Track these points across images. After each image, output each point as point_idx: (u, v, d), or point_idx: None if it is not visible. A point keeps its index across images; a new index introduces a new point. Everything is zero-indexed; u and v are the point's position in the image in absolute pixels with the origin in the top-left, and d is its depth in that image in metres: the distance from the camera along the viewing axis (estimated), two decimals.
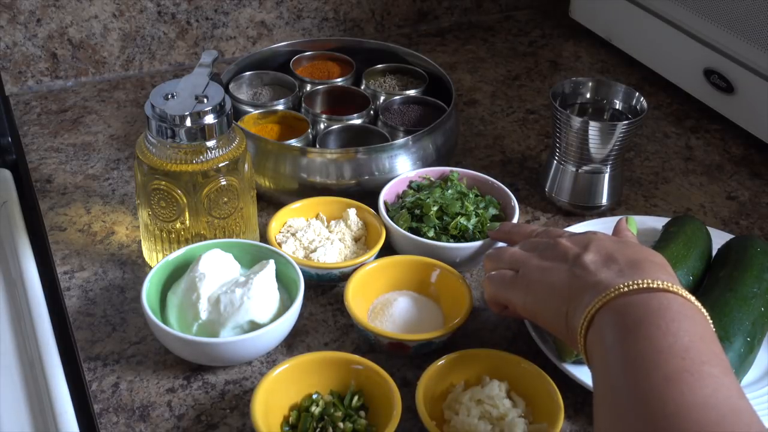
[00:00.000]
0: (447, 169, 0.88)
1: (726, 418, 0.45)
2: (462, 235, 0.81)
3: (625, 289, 0.55)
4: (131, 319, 0.76)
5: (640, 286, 0.55)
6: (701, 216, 0.92)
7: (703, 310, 0.55)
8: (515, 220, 0.82)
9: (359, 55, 1.04)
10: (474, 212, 0.82)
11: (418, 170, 0.88)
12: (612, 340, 0.53)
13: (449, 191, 0.83)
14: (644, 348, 0.50)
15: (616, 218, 0.88)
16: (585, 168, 0.88)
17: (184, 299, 0.71)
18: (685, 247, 0.77)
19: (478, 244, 0.79)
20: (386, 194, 0.85)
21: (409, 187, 0.87)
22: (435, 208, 0.81)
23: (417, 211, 0.82)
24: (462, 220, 0.80)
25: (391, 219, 0.81)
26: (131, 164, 0.96)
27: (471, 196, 0.84)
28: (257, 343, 0.69)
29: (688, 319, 0.52)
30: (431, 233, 0.80)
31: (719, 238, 0.81)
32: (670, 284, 0.55)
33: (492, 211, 0.83)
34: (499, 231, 0.78)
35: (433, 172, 0.88)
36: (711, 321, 0.55)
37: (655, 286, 0.55)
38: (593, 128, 0.84)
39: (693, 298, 0.55)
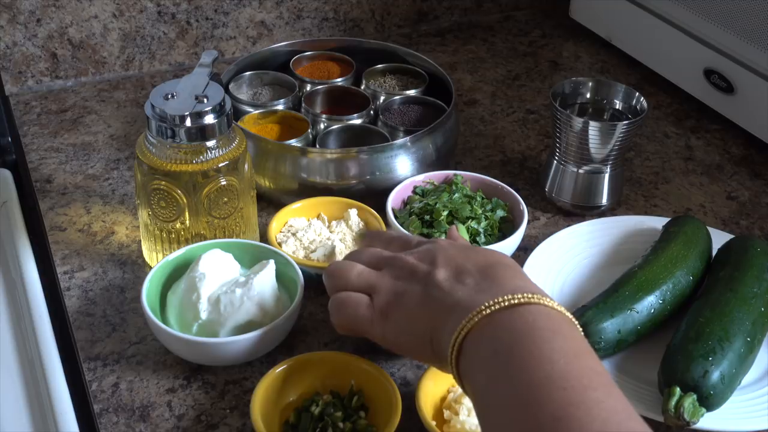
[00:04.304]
0: (450, 172, 0.88)
1: None
2: (474, 239, 0.81)
3: (487, 311, 0.52)
4: (131, 319, 0.76)
5: (502, 305, 0.52)
6: (701, 216, 0.92)
7: (567, 314, 0.53)
8: (524, 222, 0.82)
9: (359, 55, 1.04)
10: (483, 215, 0.82)
11: (421, 175, 0.88)
12: (487, 376, 0.50)
13: (456, 195, 0.83)
14: (523, 382, 0.47)
15: (616, 218, 0.88)
16: (585, 168, 0.88)
17: (184, 299, 0.71)
18: (685, 247, 0.77)
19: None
20: (392, 201, 0.84)
21: (414, 192, 0.87)
22: (445, 213, 0.81)
23: (427, 217, 0.82)
24: (473, 224, 0.81)
25: (401, 225, 0.81)
26: (131, 164, 0.96)
27: (478, 199, 0.84)
28: (257, 343, 0.69)
29: (559, 336, 0.50)
30: (443, 238, 0.80)
31: (719, 238, 0.81)
32: (529, 295, 0.52)
33: (500, 213, 0.83)
34: (368, 238, 0.73)
35: (437, 176, 0.88)
36: (577, 323, 0.53)
37: (516, 301, 0.52)
38: (593, 128, 0.84)
39: (555, 304, 0.53)
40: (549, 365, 0.47)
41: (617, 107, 0.90)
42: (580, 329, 0.53)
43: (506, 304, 0.52)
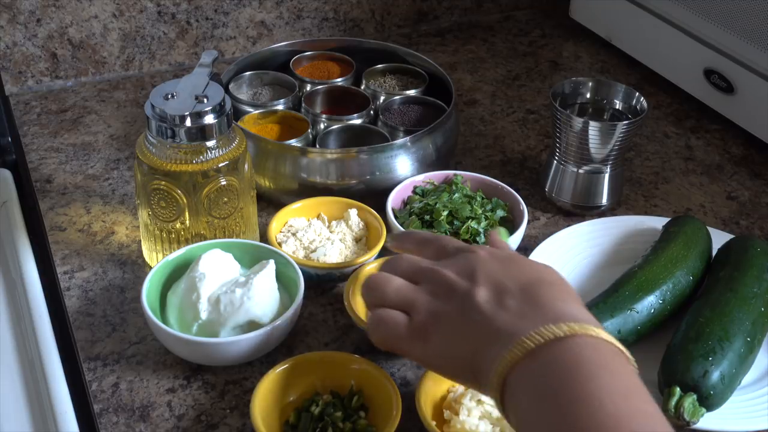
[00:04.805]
0: (450, 172, 0.88)
1: None
2: (473, 239, 0.81)
3: (530, 343, 0.50)
4: (131, 319, 0.76)
5: (546, 336, 0.49)
6: (701, 216, 0.92)
7: (616, 344, 0.50)
8: (524, 222, 0.82)
9: (359, 55, 1.04)
10: (483, 215, 0.82)
11: (421, 175, 0.88)
12: (531, 413, 0.48)
13: (456, 195, 0.83)
14: (568, 424, 0.45)
15: (616, 218, 0.88)
16: (585, 168, 0.88)
17: (184, 299, 0.71)
18: (685, 247, 0.77)
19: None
20: (392, 201, 0.84)
21: (414, 192, 0.87)
22: (445, 213, 0.81)
23: (427, 217, 0.82)
24: (473, 223, 0.81)
25: (401, 225, 0.81)
26: (131, 164, 0.96)
27: (478, 199, 0.84)
28: (257, 343, 0.69)
29: (606, 372, 0.48)
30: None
31: (719, 238, 0.81)
32: (574, 325, 0.50)
33: (500, 213, 0.83)
34: (399, 239, 0.69)
35: (437, 176, 0.88)
36: (626, 351, 0.50)
37: (561, 334, 0.49)
38: (593, 128, 0.84)
39: (602, 333, 0.50)
40: (596, 405, 0.45)
41: (617, 107, 0.90)
42: (631, 359, 0.50)
43: (551, 336, 0.49)
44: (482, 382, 0.53)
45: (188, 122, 0.72)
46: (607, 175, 0.88)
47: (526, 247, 0.83)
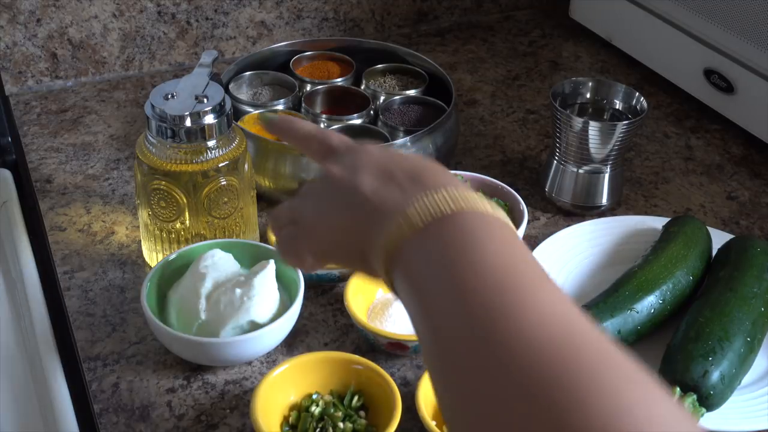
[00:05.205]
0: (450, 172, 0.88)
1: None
2: None
3: (417, 215, 0.47)
4: (131, 319, 0.76)
5: (431, 209, 0.47)
6: (701, 216, 0.92)
7: (503, 218, 0.48)
8: (524, 223, 0.82)
9: (359, 55, 1.04)
10: None
11: None
12: (422, 287, 0.46)
13: None
14: (460, 286, 0.43)
15: (616, 218, 0.88)
16: (585, 168, 0.88)
17: (184, 299, 0.71)
18: (685, 247, 0.77)
19: None
20: None
21: None
22: None
23: None
24: None
25: None
26: (131, 164, 0.95)
27: None
28: (257, 343, 0.69)
29: (499, 241, 0.46)
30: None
31: (719, 238, 0.81)
32: (457, 193, 0.48)
33: None
34: (275, 126, 0.65)
35: None
36: (513, 226, 0.49)
37: (447, 203, 0.47)
38: (593, 128, 0.84)
39: (488, 207, 0.48)
40: (490, 265, 0.44)
41: (617, 107, 0.90)
42: (518, 234, 0.49)
43: (435, 206, 0.48)
44: (372, 263, 0.51)
45: (188, 122, 0.72)
46: (607, 175, 0.88)
47: None
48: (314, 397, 0.67)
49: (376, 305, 0.75)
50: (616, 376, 0.36)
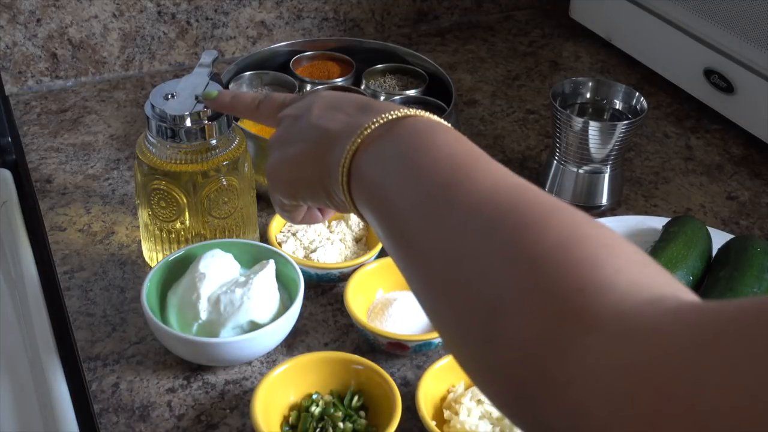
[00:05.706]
0: None
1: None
2: None
3: (368, 130, 0.50)
4: (131, 319, 0.76)
5: (381, 121, 0.50)
6: (701, 216, 0.92)
7: (446, 124, 0.50)
8: None
9: (359, 55, 1.04)
10: None
11: None
12: (384, 188, 0.48)
13: None
14: (418, 178, 0.46)
15: (616, 218, 0.88)
16: (585, 168, 0.88)
17: (184, 299, 0.71)
18: (685, 247, 0.77)
19: None
20: None
21: None
22: None
23: None
24: None
25: None
26: (131, 164, 0.96)
27: None
28: (257, 343, 0.69)
29: (452, 138, 0.48)
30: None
31: (719, 238, 0.81)
32: (407, 110, 0.50)
33: None
34: (218, 102, 0.68)
35: None
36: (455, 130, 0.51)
37: (394, 116, 0.50)
38: (593, 128, 0.84)
39: (434, 117, 0.50)
40: (447, 154, 0.47)
41: (617, 107, 0.90)
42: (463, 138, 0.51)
43: (387, 118, 0.50)
44: (335, 191, 0.52)
45: (188, 122, 0.72)
46: (607, 175, 0.88)
47: None
48: (314, 397, 0.67)
49: (376, 305, 0.75)
50: (569, 218, 0.40)
